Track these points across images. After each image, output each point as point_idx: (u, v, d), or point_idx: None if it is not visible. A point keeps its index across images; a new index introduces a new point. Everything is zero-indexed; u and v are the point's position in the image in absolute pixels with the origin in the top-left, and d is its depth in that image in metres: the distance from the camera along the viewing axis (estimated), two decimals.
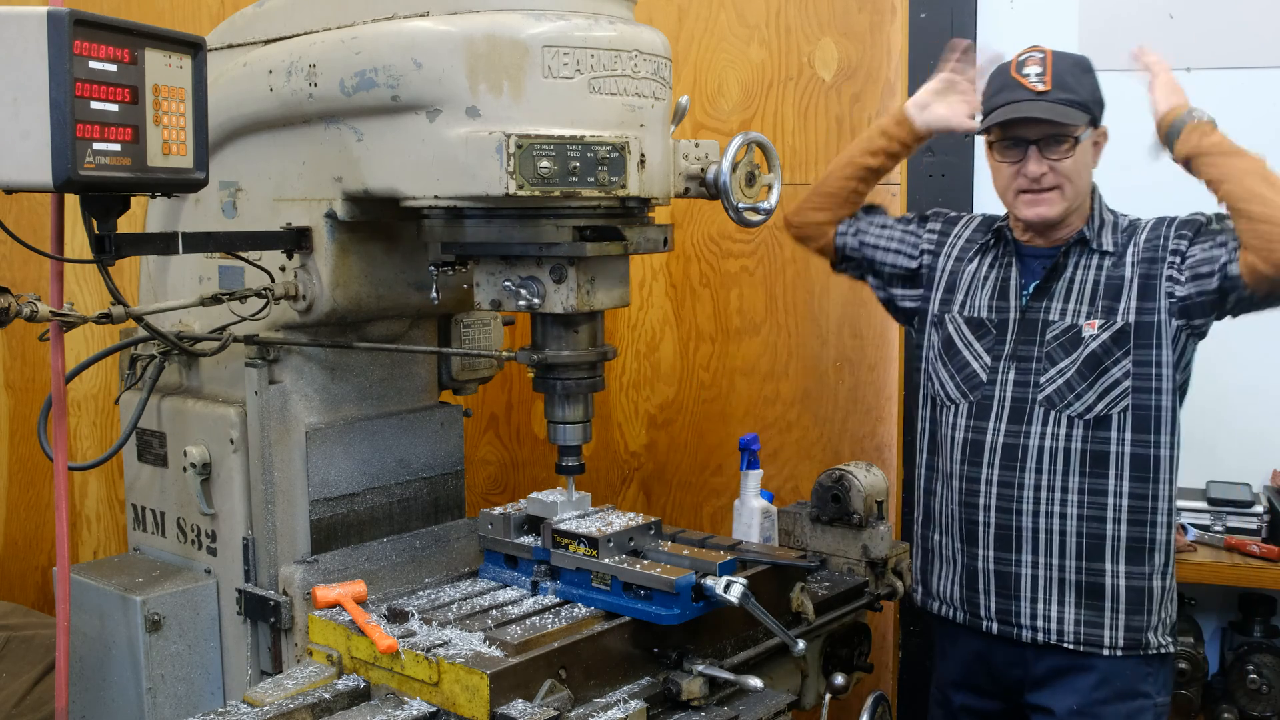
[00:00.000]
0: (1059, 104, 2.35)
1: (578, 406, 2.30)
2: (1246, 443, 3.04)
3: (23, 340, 4.39)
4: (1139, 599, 2.40)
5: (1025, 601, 2.44)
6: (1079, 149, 2.39)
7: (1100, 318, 2.39)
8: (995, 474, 2.46)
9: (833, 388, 3.42)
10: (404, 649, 1.97)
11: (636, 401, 3.62)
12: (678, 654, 2.09)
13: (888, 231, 2.69)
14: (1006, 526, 2.45)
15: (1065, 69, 2.39)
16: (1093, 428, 2.38)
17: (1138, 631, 2.40)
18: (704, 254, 3.50)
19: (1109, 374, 2.37)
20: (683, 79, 3.42)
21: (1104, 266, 2.43)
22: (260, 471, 2.40)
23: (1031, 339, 2.45)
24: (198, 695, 2.52)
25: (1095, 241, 2.44)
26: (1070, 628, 2.41)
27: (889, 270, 2.68)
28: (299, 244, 2.33)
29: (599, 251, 2.11)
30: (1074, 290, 2.44)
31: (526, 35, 2.00)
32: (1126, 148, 3.07)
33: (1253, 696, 2.83)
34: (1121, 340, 2.37)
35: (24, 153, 1.78)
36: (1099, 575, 2.40)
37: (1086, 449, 2.38)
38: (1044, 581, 2.43)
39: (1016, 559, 2.45)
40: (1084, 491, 2.39)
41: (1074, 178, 2.39)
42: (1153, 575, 2.41)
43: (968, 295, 2.56)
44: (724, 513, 3.47)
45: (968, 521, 2.50)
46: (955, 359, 2.55)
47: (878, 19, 3.29)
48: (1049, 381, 2.41)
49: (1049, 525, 2.41)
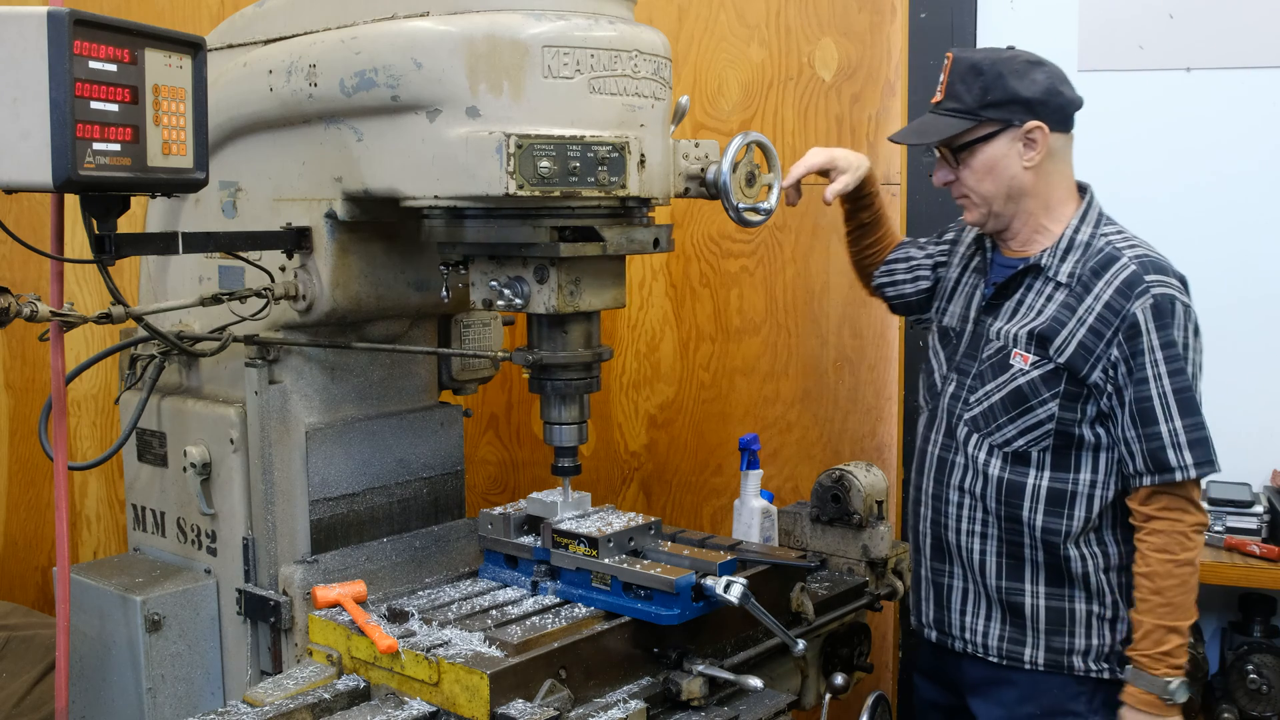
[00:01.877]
0: (944, 114, 2.31)
1: (573, 407, 2.30)
2: (1246, 443, 3.03)
3: (23, 340, 4.40)
4: (1060, 620, 2.35)
5: (956, 613, 2.46)
6: (977, 156, 2.30)
7: (1035, 353, 2.29)
8: (930, 485, 2.47)
9: (833, 388, 3.42)
10: (404, 649, 1.97)
11: (636, 401, 3.62)
12: (678, 654, 2.08)
13: (914, 262, 2.68)
14: (939, 539, 2.46)
15: (958, 75, 2.31)
16: (1011, 460, 2.33)
17: (1059, 653, 2.35)
18: (704, 254, 3.50)
19: (1033, 413, 2.29)
20: (683, 79, 3.42)
21: (1054, 299, 2.30)
22: (260, 471, 2.40)
23: (974, 354, 2.41)
24: (198, 695, 2.52)
25: (1052, 269, 2.32)
26: (994, 642, 2.41)
27: (916, 299, 2.68)
28: (299, 244, 2.33)
29: (572, 252, 2.08)
30: (1018, 313, 2.35)
31: (526, 35, 2.00)
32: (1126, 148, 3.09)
33: (1253, 696, 2.83)
34: (1052, 381, 2.27)
35: (24, 153, 1.78)
36: (1019, 595, 2.36)
37: (1004, 477, 2.34)
38: (972, 595, 2.43)
39: (948, 570, 2.46)
40: (1000, 517, 2.35)
41: (975, 186, 2.32)
42: (1075, 599, 2.34)
43: (949, 303, 2.55)
44: (724, 513, 3.47)
45: (915, 530, 2.54)
46: (927, 366, 2.56)
47: (878, 19, 3.28)
48: (976, 402, 2.37)
49: (970, 543, 2.40)
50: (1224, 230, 3.04)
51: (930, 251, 2.68)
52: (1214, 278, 3.01)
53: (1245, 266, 3.04)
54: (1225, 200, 3.04)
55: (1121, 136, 3.09)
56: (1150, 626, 2.22)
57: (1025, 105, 2.27)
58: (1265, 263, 3.03)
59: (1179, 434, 2.20)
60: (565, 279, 2.13)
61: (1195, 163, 3.06)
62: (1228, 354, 3.02)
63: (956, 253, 2.61)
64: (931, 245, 2.69)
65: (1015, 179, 2.31)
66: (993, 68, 2.28)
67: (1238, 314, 3.02)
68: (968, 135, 2.30)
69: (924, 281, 2.66)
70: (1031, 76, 2.28)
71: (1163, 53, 3.05)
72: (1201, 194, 3.06)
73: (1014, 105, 2.27)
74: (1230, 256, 3.03)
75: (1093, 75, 3.10)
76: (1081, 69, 3.10)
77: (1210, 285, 3.01)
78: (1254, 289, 3.04)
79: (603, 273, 2.20)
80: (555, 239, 2.08)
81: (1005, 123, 2.28)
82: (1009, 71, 2.27)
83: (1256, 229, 3.03)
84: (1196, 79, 3.05)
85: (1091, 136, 3.05)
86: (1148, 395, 2.21)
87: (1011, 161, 2.30)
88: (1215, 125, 3.04)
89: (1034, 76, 2.28)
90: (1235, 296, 3.03)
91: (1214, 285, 3.01)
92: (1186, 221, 3.03)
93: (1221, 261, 3.02)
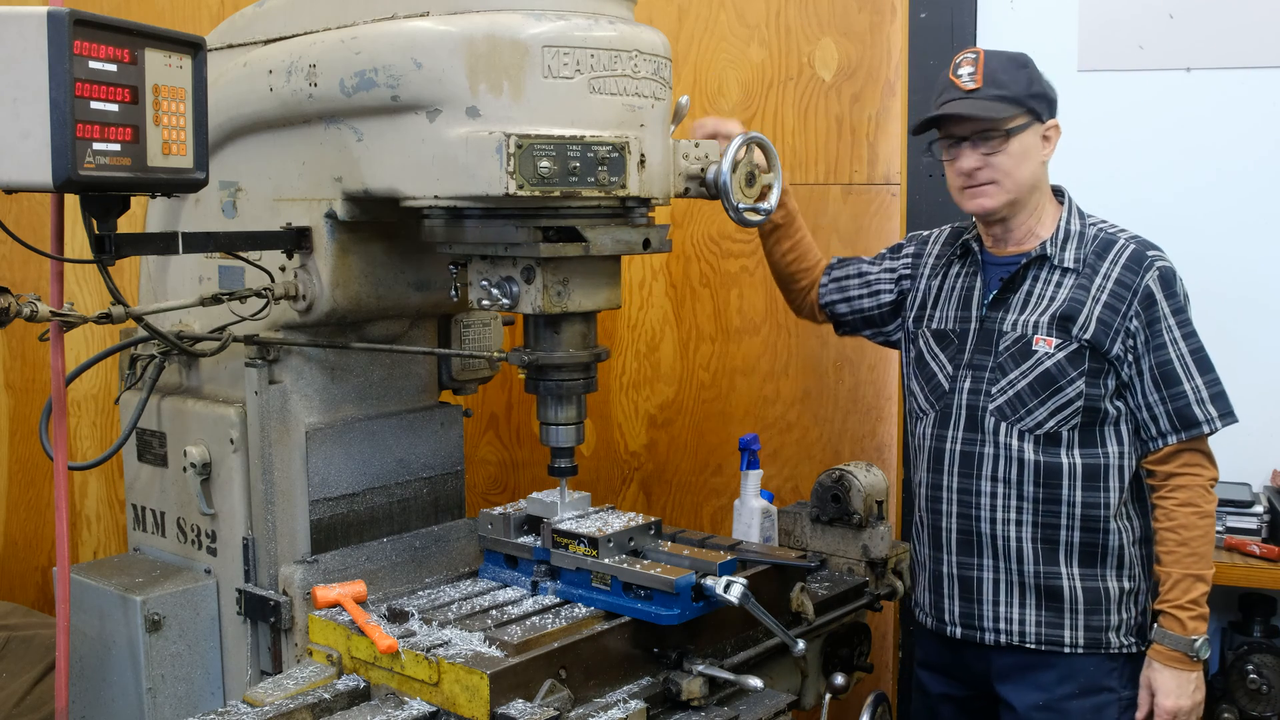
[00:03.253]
0: (987, 100, 2.36)
1: (569, 408, 2.29)
2: (1247, 443, 3.03)
3: (23, 340, 4.40)
4: (1096, 600, 2.43)
5: (988, 605, 2.47)
6: (1014, 142, 2.37)
7: (1057, 336, 2.38)
8: (955, 481, 2.49)
9: (833, 388, 3.42)
10: (404, 649, 1.97)
11: (636, 401, 3.62)
12: (678, 654, 2.09)
13: (869, 278, 2.72)
14: (967, 532, 2.48)
15: (998, 66, 2.38)
16: (1044, 442, 2.40)
17: (1097, 631, 2.43)
18: (704, 254, 3.50)
19: (1063, 393, 2.37)
20: (683, 79, 3.42)
21: (1064, 284, 2.41)
22: (260, 471, 2.40)
23: (987, 349, 2.46)
24: (198, 695, 2.52)
25: (1057, 258, 2.43)
26: (1031, 629, 2.44)
27: (878, 313, 2.72)
28: (299, 244, 2.33)
29: (553, 253, 2.08)
30: (1030, 303, 2.43)
31: (526, 35, 2.00)
32: (1126, 149, 3.09)
33: (1253, 696, 2.83)
34: (1077, 360, 2.37)
35: (24, 153, 1.78)
36: (1056, 579, 2.42)
37: (1040, 460, 2.40)
38: (1004, 585, 2.46)
39: (978, 563, 2.48)
40: (1038, 500, 2.41)
41: (1011, 171, 2.38)
42: (1107, 577, 2.43)
43: (937, 309, 2.58)
44: (724, 513, 3.47)
45: (933, 528, 2.54)
46: (924, 371, 2.57)
47: (878, 19, 3.28)
48: (1000, 392, 2.42)
49: (1005, 531, 2.44)
50: (1224, 230, 3.04)
51: (890, 266, 2.71)
52: (1214, 278, 3.01)
53: (1245, 266, 3.04)
54: (1225, 200, 3.04)
55: (1121, 137, 3.09)
56: (1179, 576, 2.34)
57: (1050, 104, 2.43)
58: (1265, 262, 3.03)
59: (1201, 390, 2.37)
60: (552, 279, 2.13)
61: (1195, 163, 3.05)
62: (1227, 353, 3.01)
63: (925, 264, 2.64)
64: (889, 260, 2.73)
65: (1035, 172, 2.43)
66: (1029, 63, 2.41)
67: (1238, 313, 3.02)
68: (1015, 120, 2.37)
69: (886, 295, 2.70)
70: (1046, 79, 2.43)
71: (1163, 53, 3.05)
72: (1202, 194, 3.06)
73: (1044, 101, 2.42)
74: (1231, 256, 3.03)
75: (1093, 75, 3.10)
76: (1081, 69, 3.10)
77: (1210, 285, 3.02)
78: (1254, 289, 3.04)
79: (594, 273, 2.19)
80: (539, 239, 2.08)
81: (1038, 116, 2.40)
82: (1036, 71, 2.42)
83: (1257, 228, 3.03)
84: (1196, 79, 3.05)
85: (1091, 137, 3.08)
86: (1168, 358, 2.36)
87: (1035, 153, 2.42)
88: (1215, 125, 3.04)
89: (1047, 79, 2.43)
90: (1235, 295, 3.03)
91: (1214, 285, 3.02)
92: (1187, 222, 3.03)
93: (1222, 261, 3.02)
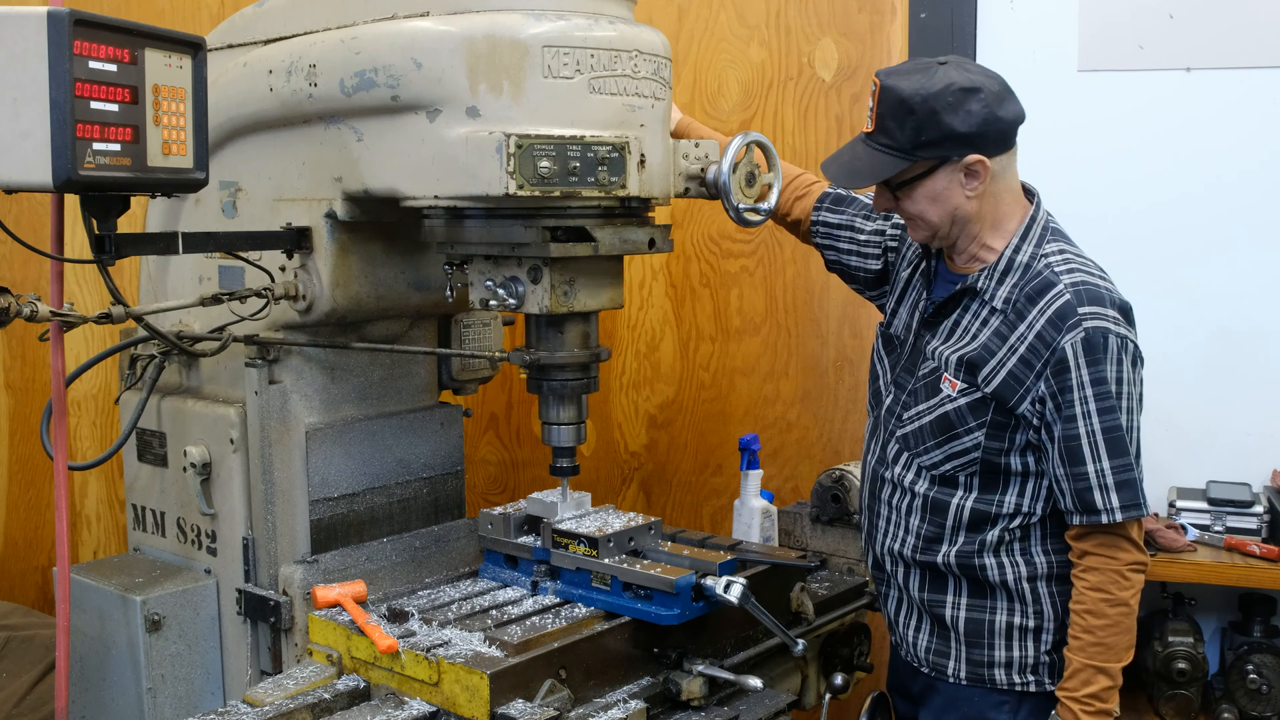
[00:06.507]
0: (876, 150, 2.18)
1: (570, 408, 2.30)
2: (1246, 443, 3.03)
3: (23, 340, 4.39)
4: (979, 632, 2.29)
5: (899, 624, 2.43)
6: (919, 189, 2.18)
7: (963, 380, 2.21)
8: (867, 497, 2.44)
9: (833, 388, 3.42)
10: (404, 649, 1.97)
11: (636, 401, 3.62)
12: (678, 654, 2.09)
13: (860, 238, 2.56)
14: (873, 549, 2.44)
15: (886, 112, 2.15)
16: (938, 481, 2.27)
17: (979, 665, 2.29)
18: (704, 254, 3.50)
19: (959, 440, 2.22)
20: (683, 79, 3.42)
21: (989, 324, 2.20)
22: (260, 471, 2.40)
23: (911, 371, 2.34)
24: (198, 695, 2.52)
25: (989, 293, 2.22)
26: (923, 654, 2.37)
27: (862, 276, 2.57)
28: (299, 244, 2.33)
29: (563, 253, 2.08)
30: (953, 335, 2.25)
31: (526, 35, 2.00)
32: (1126, 150, 3.09)
33: (1253, 696, 2.82)
34: (979, 410, 2.19)
35: (24, 153, 1.78)
36: (940, 607, 2.32)
37: (930, 495, 2.28)
38: (905, 605, 2.40)
39: (885, 579, 2.44)
40: (921, 536, 2.30)
41: (923, 213, 2.21)
42: (996, 610, 2.28)
43: (900, 305, 2.45)
44: (724, 513, 3.47)
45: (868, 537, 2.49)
46: (872, 371, 2.48)
47: (878, 19, 3.28)
48: (909, 420, 2.31)
49: (895, 557, 2.36)
50: (1224, 230, 3.03)
51: (881, 228, 2.53)
52: (1214, 279, 3.02)
53: (1245, 266, 3.03)
54: (1225, 200, 3.04)
55: (1121, 138, 3.09)
56: (1079, 665, 2.14)
57: (963, 140, 2.13)
58: (1266, 263, 3.03)
59: (1105, 475, 2.11)
60: (559, 279, 2.13)
61: (1195, 164, 3.05)
62: (1228, 354, 3.03)
63: (908, 246, 2.48)
64: (881, 221, 2.54)
65: (960, 208, 2.20)
66: (924, 105, 2.11)
67: (1237, 313, 3.02)
68: (904, 175, 2.18)
69: (873, 262, 2.53)
70: (966, 108, 2.12)
71: (1163, 53, 3.05)
72: (1202, 195, 3.06)
73: (949, 142, 2.14)
74: (1231, 257, 3.03)
75: (1093, 75, 3.10)
76: (1081, 69, 3.10)
77: (1210, 286, 3.03)
78: (1254, 289, 3.03)
79: (599, 273, 2.20)
80: (548, 239, 2.08)
81: (942, 159, 2.16)
82: (941, 107, 2.11)
83: (1257, 228, 3.02)
84: (1196, 79, 3.05)
85: (1091, 138, 3.08)
86: (1075, 434, 2.12)
87: (954, 192, 2.18)
88: (1215, 126, 3.04)
89: (969, 108, 2.12)
90: (1235, 296, 3.02)
91: (1214, 286, 3.02)
92: (1187, 222, 3.04)
93: (1222, 262, 3.02)
